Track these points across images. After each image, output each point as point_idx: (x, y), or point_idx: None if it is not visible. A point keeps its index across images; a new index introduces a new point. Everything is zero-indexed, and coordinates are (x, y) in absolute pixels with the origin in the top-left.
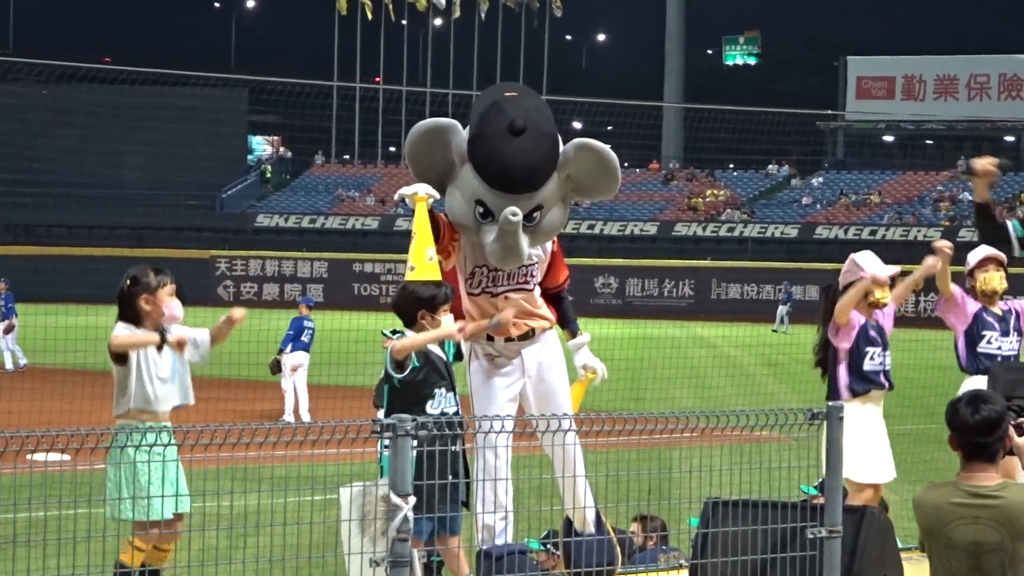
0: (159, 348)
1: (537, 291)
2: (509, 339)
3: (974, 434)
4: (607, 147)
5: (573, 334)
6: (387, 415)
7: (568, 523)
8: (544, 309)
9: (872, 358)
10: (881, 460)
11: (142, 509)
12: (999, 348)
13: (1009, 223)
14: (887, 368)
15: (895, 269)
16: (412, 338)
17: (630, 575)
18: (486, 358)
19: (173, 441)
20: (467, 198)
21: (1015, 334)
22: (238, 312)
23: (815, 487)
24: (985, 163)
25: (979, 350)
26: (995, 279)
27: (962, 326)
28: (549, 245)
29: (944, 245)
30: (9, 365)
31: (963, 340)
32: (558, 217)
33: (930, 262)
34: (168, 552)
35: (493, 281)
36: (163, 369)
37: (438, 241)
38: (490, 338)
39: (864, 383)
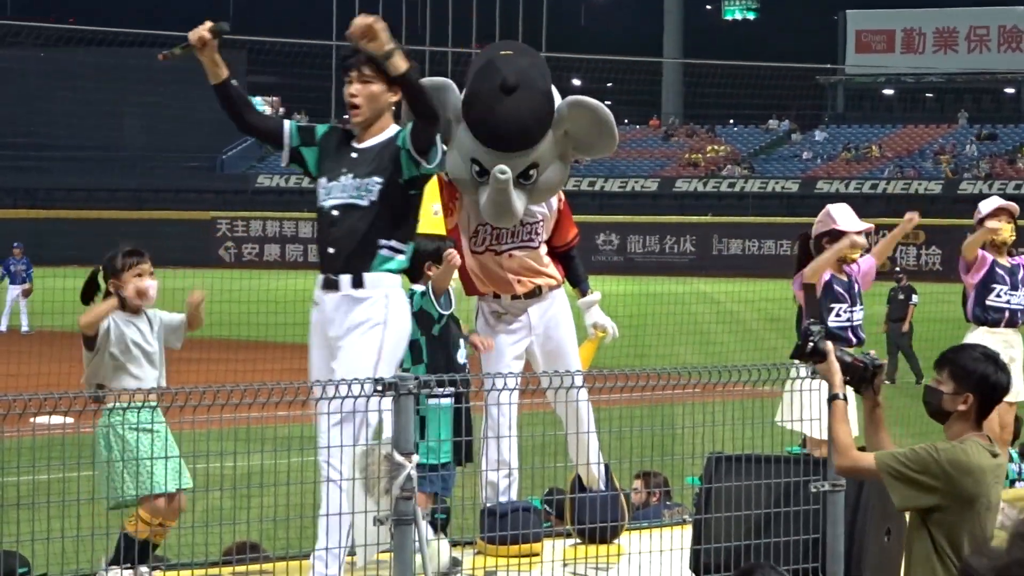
0: (121, 307)
1: (543, 249)
2: (515, 297)
3: (1002, 393)
4: (601, 104)
5: (583, 293)
6: (431, 369)
7: (579, 481)
8: (551, 268)
9: (838, 315)
10: None
11: (144, 485)
12: (1008, 302)
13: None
14: (856, 324)
15: (868, 225)
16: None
17: (633, 531)
18: (492, 316)
19: (161, 418)
20: (463, 156)
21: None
22: (197, 294)
23: (800, 446)
24: (202, 33)
25: (988, 303)
26: (1006, 230)
27: (977, 279)
28: (555, 203)
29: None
30: (25, 327)
31: (974, 292)
32: (556, 175)
33: (908, 217)
34: (171, 527)
35: (497, 239)
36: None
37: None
38: (496, 296)
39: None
